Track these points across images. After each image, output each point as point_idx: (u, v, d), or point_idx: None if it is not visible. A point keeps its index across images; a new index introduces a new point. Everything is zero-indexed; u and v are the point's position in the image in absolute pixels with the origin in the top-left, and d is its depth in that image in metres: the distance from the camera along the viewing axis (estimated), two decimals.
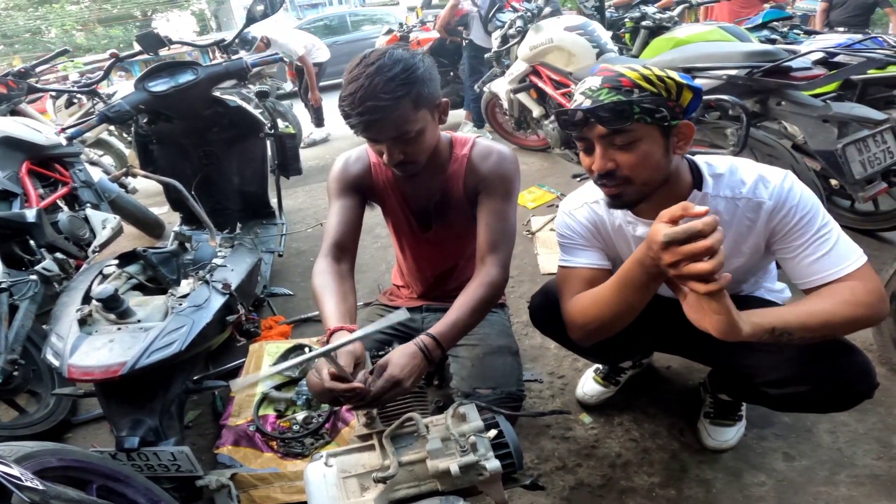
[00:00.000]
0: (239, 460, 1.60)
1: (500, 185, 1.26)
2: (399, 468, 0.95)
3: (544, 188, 3.46)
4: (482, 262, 1.22)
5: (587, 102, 1.01)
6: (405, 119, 1.09)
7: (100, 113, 2.09)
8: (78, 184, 2.51)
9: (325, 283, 1.19)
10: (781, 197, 1.05)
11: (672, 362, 1.82)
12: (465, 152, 1.30)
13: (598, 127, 1.01)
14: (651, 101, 0.98)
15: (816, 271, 1.01)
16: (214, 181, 2.54)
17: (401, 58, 1.08)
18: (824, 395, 1.11)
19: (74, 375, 1.35)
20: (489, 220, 1.24)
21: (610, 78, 1.00)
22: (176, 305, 1.51)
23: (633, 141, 1.00)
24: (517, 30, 3.48)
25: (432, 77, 1.13)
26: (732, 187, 1.10)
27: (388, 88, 1.05)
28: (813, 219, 1.03)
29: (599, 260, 1.24)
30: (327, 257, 1.26)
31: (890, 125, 1.95)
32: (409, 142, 1.13)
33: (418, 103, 1.10)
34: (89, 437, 1.89)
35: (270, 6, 2.44)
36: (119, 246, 2.65)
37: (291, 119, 4.68)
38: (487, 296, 1.16)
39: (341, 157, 1.38)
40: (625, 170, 1.02)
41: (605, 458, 1.53)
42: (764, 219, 1.08)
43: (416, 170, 1.21)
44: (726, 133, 2.03)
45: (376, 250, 2.99)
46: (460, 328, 1.12)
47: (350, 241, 1.30)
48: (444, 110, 1.21)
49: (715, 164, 1.14)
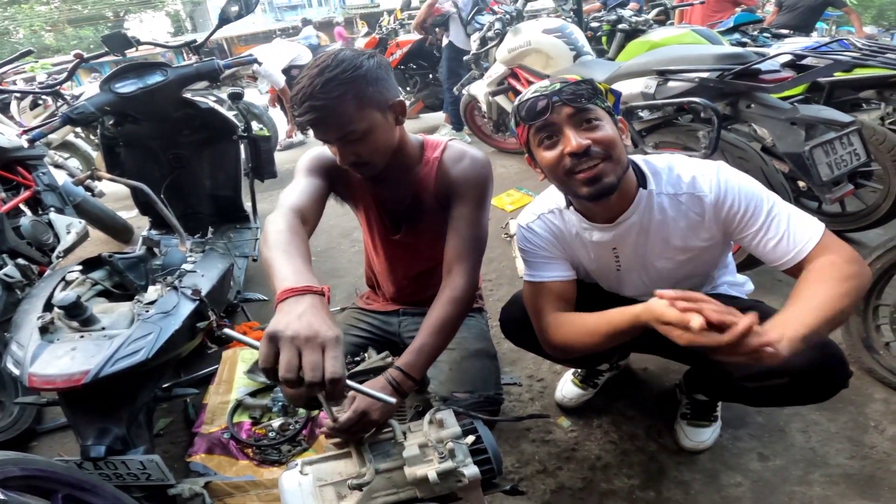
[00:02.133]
0: (213, 468, 1.57)
1: (471, 190, 1.23)
2: (376, 475, 0.93)
3: (522, 191, 3.47)
4: (449, 272, 1.19)
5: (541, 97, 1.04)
6: (349, 118, 1.08)
7: (63, 115, 2.01)
8: (41, 187, 2.42)
9: (288, 240, 0.95)
10: (721, 189, 1.08)
11: (649, 364, 1.83)
12: (436, 155, 1.28)
13: (564, 109, 1.03)
14: (596, 90, 1.05)
15: (786, 250, 1.03)
16: (185, 184, 2.48)
17: (344, 58, 1.08)
18: (802, 386, 1.12)
19: (36, 384, 1.29)
20: (459, 228, 1.21)
21: (556, 77, 1.07)
22: (142, 312, 1.46)
23: (598, 120, 1.04)
24: (496, 32, 3.49)
25: (379, 77, 1.11)
26: (673, 184, 1.13)
27: (326, 88, 1.05)
28: (759, 202, 1.06)
29: (566, 271, 1.25)
30: (286, 216, 1.05)
31: (856, 127, 2.00)
32: (357, 142, 1.12)
33: (362, 102, 1.08)
34: (55, 445, 1.83)
35: (245, 7, 2.38)
36: (85, 251, 2.55)
37: (267, 121, 4.61)
38: (453, 314, 1.14)
39: (317, 146, 1.33)
40: (600, 145, 1.03)
41: (585, 460, 1.53)
42: (710, 212, 1.11)
43: (373, 171, 1.19)
44: (698, 136, 2.05)
45: (353, 254, 2.95)
46: (428, 353, 1.10)
47: (311, 213, 1.15)
48: (399, 110, 1.18)
49: (653, 162, 1.17)
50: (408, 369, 1.06)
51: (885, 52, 2.02)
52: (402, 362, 1.07)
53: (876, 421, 1.55)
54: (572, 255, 1.27)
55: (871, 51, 2.06)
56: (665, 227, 1.15)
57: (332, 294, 2.53)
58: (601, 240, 1.20)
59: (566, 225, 1.23)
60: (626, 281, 1.29)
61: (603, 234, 1.19)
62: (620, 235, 1.17)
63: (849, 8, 5.73)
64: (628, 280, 1.28)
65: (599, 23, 4.03)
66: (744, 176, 1.10)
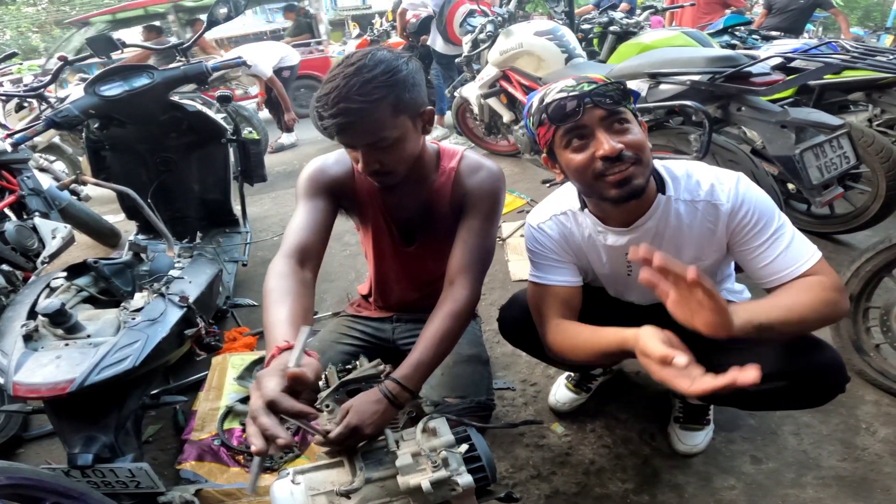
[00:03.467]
0: (203, 475, 1.54)
1: (485, 202, 1.20)
2: (370, 484, 0.92)
3: (514, 194, 3.46)
4: (451, 282, 1.15)
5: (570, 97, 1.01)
6: (382, 124, 1.02)
7: (46, 118, 1.99)
8: (26, 191, 2.37)
9: (285, 288, 1.02)
10: (738, 199, 1.07)
11: (642, 368, 1.82)
12: (452, 165, 1.24)
13: (596, 111, 1.00)
14: (626, 94, 1.02)
15: (777, 270, 1.03)
16: (173, 188, 2.45)
17: (383, 59, 1.01)
18: (801, 389, 1.12)
19: (20, 393, 1.27)
20: (467, 238, 1.18)
21: (580, 78, 1.02)
22: (129, 320, 1.44)
23: (628, 122, 1.02)
24: (487, 34, 3.48)
25: (416, 82, 1.06)
26: (690, 190, 1.12)
27: (364, 90, 0.98)
28: (770, 219, 1.06)
29: (573, 277, 1.23)
30: (289, 258, 1.08)
31: (846, 130, 2.01)
32: (386, 149, 1.06)
33: (398, 109, 1.03)
34: (42, 452, 1.80)
35: (234, 8, 2.36)
36: (72, 256, 2.52)
37: (257, 124, 4.57)
38: (455, 327, 1.10)
39: (317, 159, 1.28)
40: (632, 149, 1.01)
41: (580, 465, 1.52)
42: (724, 221, 1.09)
43: (394, 180, 1.14)
44: (690, 139, 2.06)
45: (345, 258, 2.93)
46: (426, 367, 1.06)
47: (316, 248, 1.15)
48: (428, 119, 1.14)
49: (671, 168, 1.15)
50: (405, 382, 1.03)
51: (873, 54, 2.03)
52: (399, 375, 1.04)
53: (867, 423, 1.56)
54: (582, 259, 1.26)
55: (859, 53, 2.07)
56: (679, 235, 1.14)
57: (323, 298, 2.51)
58: (615, 243, 1.18)
59: (579, 228, 1.21)
60: (634, 287, 1.28)
61: (618, 237, 1.17)
62: (636, 240, 1.15)
63: (836, 10, 5.80)
64: (636, 286, 1.27)
65: (591, 25, 4.05)
66: (761, 191, 1.09)
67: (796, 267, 1.02)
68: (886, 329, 1.62)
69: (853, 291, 1.67)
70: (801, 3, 5.26)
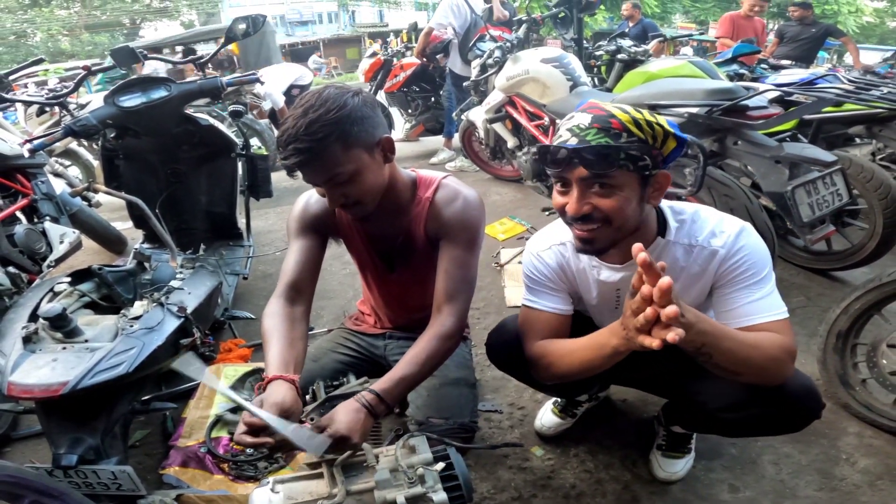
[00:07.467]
0: (186, 481, 1.56)
1: (462, 232, 1.23)
2: (347, 497, 0.94)
3: (515, 220, 3.48)
4: (438, 311, 1.20)
5: (573, 140, 1.00)
6: (334, 160, 1.07)
7: (65, 126, 2.05)
8: (39, 196, 2.45)
9: (275, 326, 1.15)
10: (734, 247, 1.08)
11: (627, 395, 1.83)
12: (428, 195, 1.27)
13: (579, 168, 1.00)
14: (637, 149, 0.98)
15: (741, 314, 1.05)
16: (181, 200, 2.50)
17: (328, 97, 1.06)
18: (775, 416, 1.14)
19: (14, 393, 1.30)
20: (449, 268, 1.21)
21: (600, 118, 0.99)
22: (127, 327, 1.47)
23: (613, 186, 1.01)
24: (495, 60, 3.54)
25: (364, 115, 1.09)
26: (690, 235, 1.13)
27: (311, 130, 1.03)
28: (758, 272, 1.07)
29: (564, 305, 1.26)
30: (281, 298, 1.22)
31: (839, 167, 2.01)
32: (345, 184, 1.11)
33: (347, 143, 1.07)
34: (28, 452, 1.82)
35: (252, 25, 2.44)
36: (78, 260, 2.58)
37: (267, 138, 4.66)
38: (440, 350, 1.15)
39: (302, 196, 1.35)
40: (601, 214, 1.02)
41: (560, 488, 1.53)
42: (715, 266, 1.11)
43: (364, 211, 1.19)
44: (685, 172, 2.07)
45: (344, 276, 2.97)
46: (406, 384, 1.10)
47: (307, 283, 1.26)
48: (388, 147, 1.17)
49: (679, 210, 1.17)
50: (384, 395, 1.06)
51: (873, 87, 2.03)
52: (378, 387, 1.07)
53: (848, 454, 1.56)
54: (575, 289, 1.29)
55: (858, 86, 2.07)
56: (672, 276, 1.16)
57: (321, 315, 2.54)
58: (608, 279, 1.21)
59: (575, 259, 1.24)
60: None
61: (611, 273, 1.20)
62: (628, 278, 1.17)
63: (847, 38, 5.83)
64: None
65: (602, 52, 4.10)
66: (762, 244, 1.10)
67: (759, 316, 1.04)
68: (873, 364, 1.63)
69: (842, 328, 1.68)
70: (813, 32, 5.29)
